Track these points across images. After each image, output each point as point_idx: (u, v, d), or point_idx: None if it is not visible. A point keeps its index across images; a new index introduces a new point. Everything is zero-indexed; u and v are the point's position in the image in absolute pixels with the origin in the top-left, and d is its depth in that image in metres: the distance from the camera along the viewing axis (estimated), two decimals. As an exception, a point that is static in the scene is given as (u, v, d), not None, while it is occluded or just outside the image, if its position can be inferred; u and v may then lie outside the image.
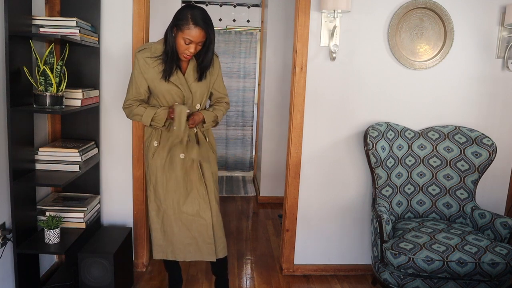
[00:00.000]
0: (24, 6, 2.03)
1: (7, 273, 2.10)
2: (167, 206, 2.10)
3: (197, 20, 1.86)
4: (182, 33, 1.88)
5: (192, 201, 2.10)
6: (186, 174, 2.09)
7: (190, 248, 2.14)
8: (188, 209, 2.10)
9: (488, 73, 2.69)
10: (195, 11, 1.88)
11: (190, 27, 1.86)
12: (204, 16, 1.88)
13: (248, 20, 5.33)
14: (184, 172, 2.08)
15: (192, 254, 2.15)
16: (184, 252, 2.15)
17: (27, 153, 2.12)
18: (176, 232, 2.12)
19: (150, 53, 1.99)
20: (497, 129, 2.75)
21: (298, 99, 2.62)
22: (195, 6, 1.92)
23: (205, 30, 1.88)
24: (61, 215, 2.21)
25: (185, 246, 2.13)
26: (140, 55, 2.00)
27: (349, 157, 2.72)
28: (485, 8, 2.62)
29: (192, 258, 2.15)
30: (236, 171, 5.48)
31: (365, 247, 2.83)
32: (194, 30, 1.86)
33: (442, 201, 2.56)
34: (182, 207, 2.10)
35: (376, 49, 2.61)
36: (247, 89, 5.33)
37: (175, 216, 2.11)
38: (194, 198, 2.10)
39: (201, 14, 1.88)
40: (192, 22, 1.86)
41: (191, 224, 2.11)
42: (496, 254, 2.11)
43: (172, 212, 2.10)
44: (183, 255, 2.15)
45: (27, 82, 2.04)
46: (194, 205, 2.10)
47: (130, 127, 2.60)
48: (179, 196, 2.09)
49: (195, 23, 1.86)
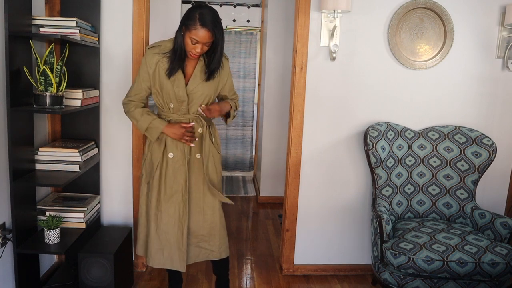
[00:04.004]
0: (24, 6, 2.03)
1: (7, 273, 2.10)
2: (151, 204, 2.08)
3: (204, 21, 1.84)
4: (190, 32, 1.87)
5: (175, 202, 2.06)
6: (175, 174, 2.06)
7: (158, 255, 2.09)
8: (169, 210, 2.06)
9: (488, 73, 2.69)
10: (204, 11, 1.86)
11: (197, 27, 1.85)
12: (212, 18, 1.86)
13: (248, 20, 5.33)
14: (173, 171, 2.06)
15: (161, 262, 2.10)
16: (153, 258, 2.10)
17: (27, 153, 2.12)
18: (152, 235, 2.08)
19: (159, 50, 1.99)
20: (497, 129, 2.75)
21: (298, 99, 2.62)
22: (205, 6, 1.90)
23: (212, 31, 1.86)
24: (61, 215, 2.22)
25: (155, 252, 2.09)
26: (149, 50, 2.01)
27: (349, 157, 2.72)
28: (485, 8, 2.62)
29: (161, 265, 2.10)
30: (236, 171, 5.48)
31: (365, 247, 2.83)
32: (201, 31, 1.85)
33: (442, 201, 2.56)
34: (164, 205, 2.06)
35: (376, 49, 2.61)
36: (247, 89, 5.33)
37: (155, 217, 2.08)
38: (177, 202, 2.06)
39: (210, 15, 1.86)
40: (199, 22, 1.84)
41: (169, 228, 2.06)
42: (496, 254, 2.11)
43: (153, 212, 2.08)
44: (152, 261, 2.10)
45: (27, 82, 2.04)
46: (176, 207, 2.06)
47: (130, 127, 2.60)
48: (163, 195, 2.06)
49: (202, 24, 1.84)
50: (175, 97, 2.01)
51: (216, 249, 2.15)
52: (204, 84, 2.03)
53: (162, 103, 2.05)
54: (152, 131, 2.02)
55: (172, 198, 2.06)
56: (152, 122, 2.01)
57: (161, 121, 2.02)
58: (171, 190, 2.06)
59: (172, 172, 2.06)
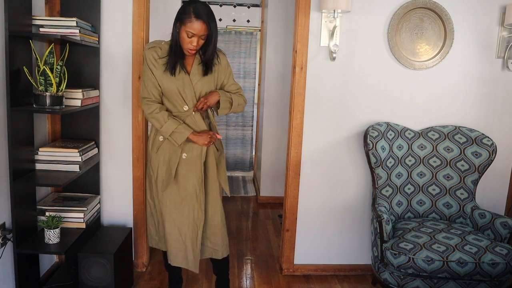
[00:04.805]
0: (24, 6, 2.03)
1: (7, 273, 2.10)
2: (163, 204, 2.10)
3: (199, 13, 1.88)
4: (185, 26, 1.90)
5: (189, 204, 2.08)
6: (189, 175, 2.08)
7: (179, 254, 2.13)
8: (184, 210, 2.09)
9: (488, 73, 2.69)
10: (197, 5, 1.90)
11: (192, 20, 1.88)
12: (206, 10, 1.91)
13: (248, 20, 5.33)
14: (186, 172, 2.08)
15: (179, 261, 2.14)
16: (173, 256, 2.13)
17: (27, 153, 2.12)
18: (168, 231, 2.11)
19: (160, 53, 2.00)
20: (497, 129, 2.75)
21: (298, 99, 2.62)
22: (198, 1, 1.94)
23: (206, 23, 1.90)
24: (61, 215, 2.21)
25: (176, 250, 2.12)
26: (148, 52, 2.01)
27: (349, 157, 2.72)
28: (485, 8, 2.62)
29: (179, 264, 2.14)
30: (236, 171, 5.48)
31: (365, 247, 2.83)
32: (196, 23, 1.88)
33: (442, 201, 2.56)
34: (178, 206, 2.09)
35: (376, 49, 2.61)
36: (247, 89, 5.33)
37: (169, 216, 2.10)
38: (191, 203, 2.08)
39: (203, 8, 1.90)
40: (194, 15, 1.87)
41: (182, 227, 2.09)
42: (496, 254, 2.11)
43: (167, 211, 2.10)
44: (172, 258, 2.14)
45: (27, 82, 2.04)
46: (190, 208, 2.09)
47: (130, 127, 2.60)
48: (176, 196, 2.09)
49: (197, 16, 1.87)
50: (181, 97, 2.02)
51: (219, 248, 2.16)
52: (203, 80, 2.05)
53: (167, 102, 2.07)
54: (177, 135, 2.02)
55: (185, 199, 2.08)
56: (178, 127, 2.01)
57: (186, 127, 2.03)
58: (185, 191, 2.08)
59: (186, 173, 2.07)
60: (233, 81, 2.20)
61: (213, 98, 2.07)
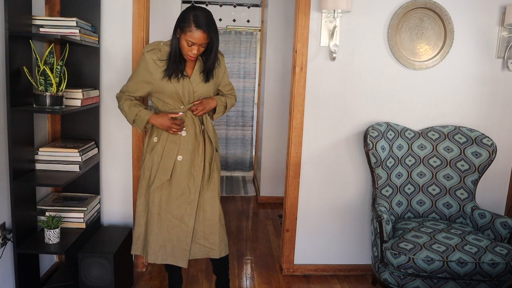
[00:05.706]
0: (24, 6, 2.03)
1: (7, 273, 2.10)
2: (153, 204, 2.09)
3: (199, 23, 1.86)
4: (185, 35, 1.88)
5: (179, 204, 2.08)
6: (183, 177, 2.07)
7: (162, 251, 2.11)
8: (173, 211, 2.08)
9: (488, 73, 2.69)
10: (198, 13, 1.87)
11: (192, 29, 1.86)
12: (207, 19, 1.88)
13: (248, 20, 5.33)
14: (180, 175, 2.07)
15: (164, 257, 2.12)
16: (156, 254, 2.11)
17: (27, 153, 2.12)
18: (155, 232, 2.10)
19: (159, 55, 2.00)
20: (497, 129, 2.75)
21: (298, 99, 2.62)
22: (199, 7, 1.91)
23: (207, 32, 1.88)
24: (61, 215, 2.21)
25: (159, 249, 2.11)
26: (149, 55, 1.99)
27: (349, 157, 2.72)
28: (485, 8, 2.62)
29: (163, 261, 2.12)
30: (236, 171, 5.47)
31: (365, 247, 2.83)
32: (196, 33, 1.87)
33: (442, 201, 2.56)
34: (167, 207, 2.08)
35: (376, 49, 2.61)
36: (247, 89, 5.33)
37: (158, 216, 2.09)
38: (182, 202, 2.08)
39: (204, 17, 1.87)
40: (194, 24, 1.86)
41: (172, 228, 2.09)
42: (496, 254, 2.11)
43: (156, 211, 2.09)
44: (154, 257, 2.12)
45: (27, 82, 2.04)
46: (180, 209, 2.08)
47: (130, 127, 2.60)
48: (167, 196, 2.08)
49: (197, 26, 1.86)
50: (179, 99, 2.02)
51: (216, 247, 2.15)
52: (204, 85, 2.06)
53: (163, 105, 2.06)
54: (138, 122, 2.04)
55: (177, 201, 2.08)
56: (138, 113, 2.03)
57: (147, 111, 2.04)
58: (177, 192, 2.08)
59: (180, 174, 2.07)
60: (227, 80, 2.21)
61: (210, 105, 2.09)
